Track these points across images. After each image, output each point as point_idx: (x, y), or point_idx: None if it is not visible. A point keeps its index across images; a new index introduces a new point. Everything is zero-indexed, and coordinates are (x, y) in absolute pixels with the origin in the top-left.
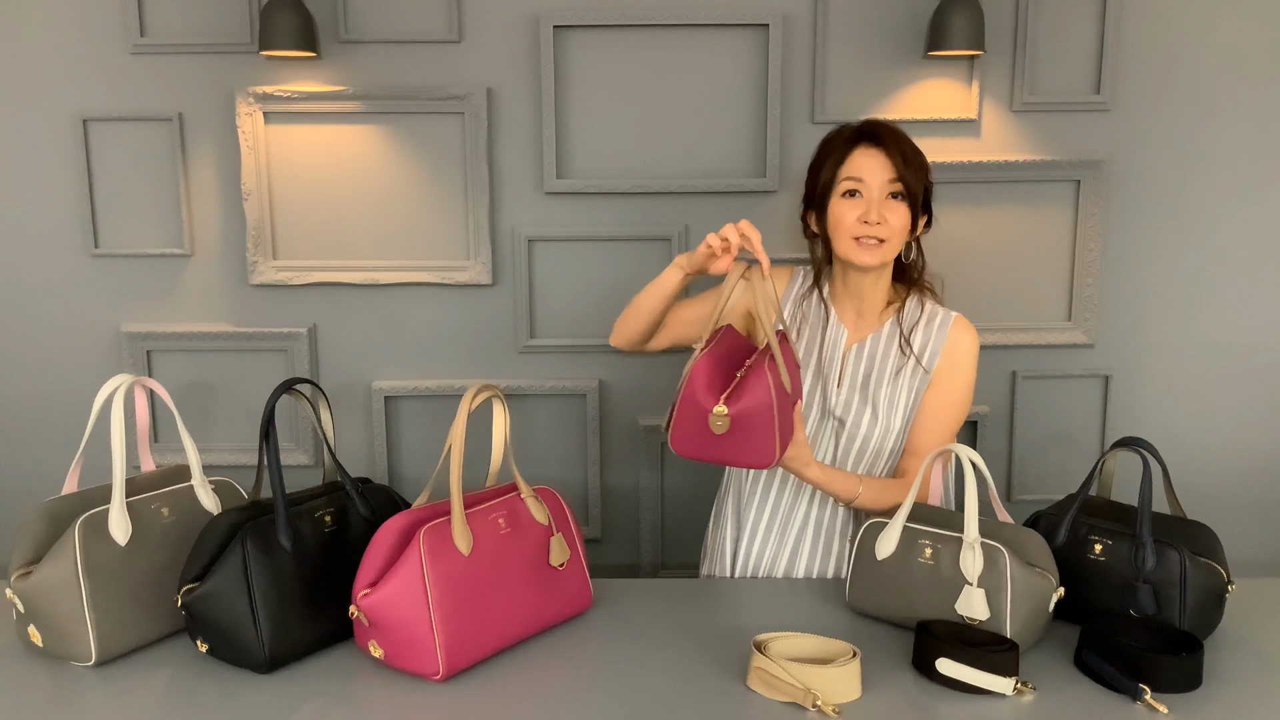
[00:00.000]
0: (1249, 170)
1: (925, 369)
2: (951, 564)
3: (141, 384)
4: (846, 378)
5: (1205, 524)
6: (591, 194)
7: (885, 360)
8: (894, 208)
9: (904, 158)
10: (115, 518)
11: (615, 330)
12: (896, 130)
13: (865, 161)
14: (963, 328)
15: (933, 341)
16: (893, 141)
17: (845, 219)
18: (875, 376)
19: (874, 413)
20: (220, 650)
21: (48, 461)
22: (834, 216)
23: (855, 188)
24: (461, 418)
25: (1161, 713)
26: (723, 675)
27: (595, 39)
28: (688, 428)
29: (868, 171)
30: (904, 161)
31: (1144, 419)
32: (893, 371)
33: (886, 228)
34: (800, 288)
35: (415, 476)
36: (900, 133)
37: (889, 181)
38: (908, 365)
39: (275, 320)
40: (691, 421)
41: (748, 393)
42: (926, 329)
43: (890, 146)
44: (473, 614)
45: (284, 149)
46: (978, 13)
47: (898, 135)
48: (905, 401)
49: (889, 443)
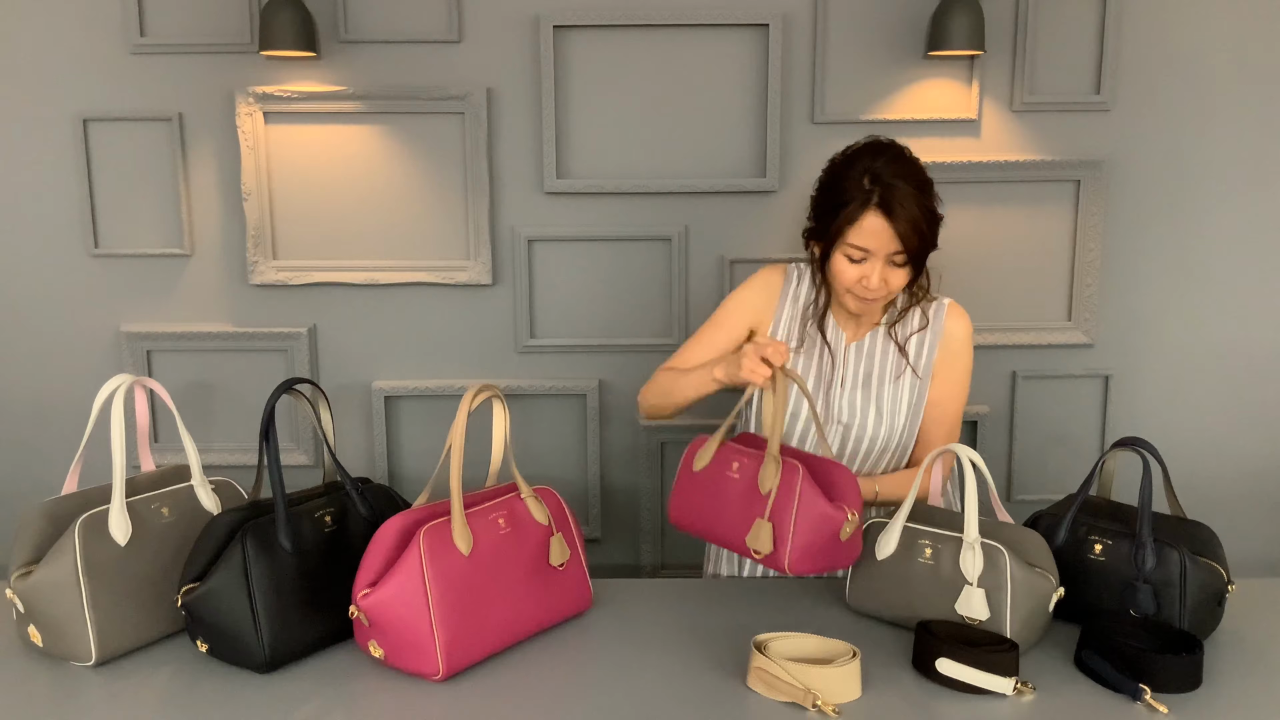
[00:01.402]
0: (1249, 170)
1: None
2: (951, 564)
3: (141, 384)
4: (849, 378)
5: (1205, 524)
6: (591, 194)
7: (885, 359)
8: (895, 273)
9: (914, 228)
10: (115, 518)
11: (643, 404)
12: (910, 198)
13: (874, 230)
14: (955, 315)
15: (929, 337)
16: (904, 215)
17: (845, 276)
18: (877, 375)
19: (878, 412)
20: (220, 650)
21: (48, 461)
22: (835, 269)
23: (861, 256)
24: (461, 418)
25: (1161, 713)
26: (723, 675)
27: (595, 39)
28: (814, 543)
29: (875, 241)
30: (912, 232)
31: (1144, 419)
32: (894, 375)
33: (885, 289)
34: (795, 286)
35: (415, 476)
36: (916, 199)
37: (895, 253)
38: (907, 369)
39: (275, 320)
40: (821, 535)
41: (841, 493)
42: (921, 334)
43: (901, 221)
44: (473, 614)
45: (284, 149)
46: (978, 13)
47: (910, 206)
48: (909, 400)
49: (894, 441)
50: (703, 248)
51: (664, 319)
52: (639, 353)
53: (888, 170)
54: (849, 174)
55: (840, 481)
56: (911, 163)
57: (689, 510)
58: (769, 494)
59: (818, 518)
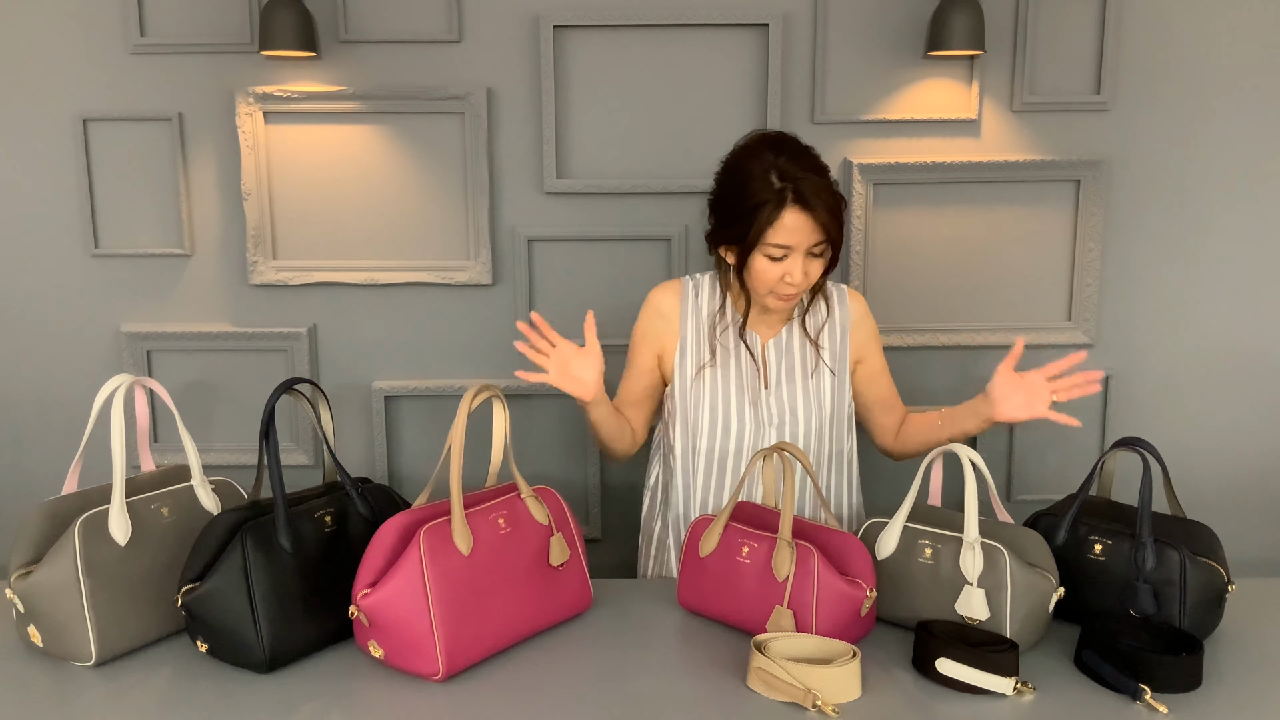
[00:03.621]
0: (1249, 170)
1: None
2: (951, 564)
3: (141, 384)
4: (772, 378)
5: (1205, 524)
6: (591, 194)
7: (804, 352)
8: (815, 264)
9: (831, 216)
10: (115, 518)
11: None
12: (822, 188)
13: (795, 226)
14: (853, 297)
15: (838, 327)
16: (820, 205)
17: (768, 276)
18: (799, 368)
19: (806, 404)
20: (220, 650)
21: (48, 461)
22: (756, 270)
23: (783, 254)
24: (461, 418)
25: (1161, 713)
26: (723, 675)
27: (595, 39)
28: (836, 624)
29: (796, 237)
30: (831, 220)
31: (1144, 419)
32: (812, 368)
33: (806, 282)
34: (695, 299)
35: (415, 476)
36: (826, 187)
37: (815, 245)
38: (823, 361)
39: (275, 320)
40: (843, 616)
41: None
42: (829, 322)
43: (818, 209)
44: (473, 614)
45: (284, 149)
46: (978, 13)
47: (824, 196)
48: (831, 389)
49: (826, 429)
50: (703, 248)
51: None
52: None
53: (792, 165)
54: (752, 174)
55: (852, 554)
56: (808, 151)
57: (700, 596)
58: (786, 580)
59: (838, 599)
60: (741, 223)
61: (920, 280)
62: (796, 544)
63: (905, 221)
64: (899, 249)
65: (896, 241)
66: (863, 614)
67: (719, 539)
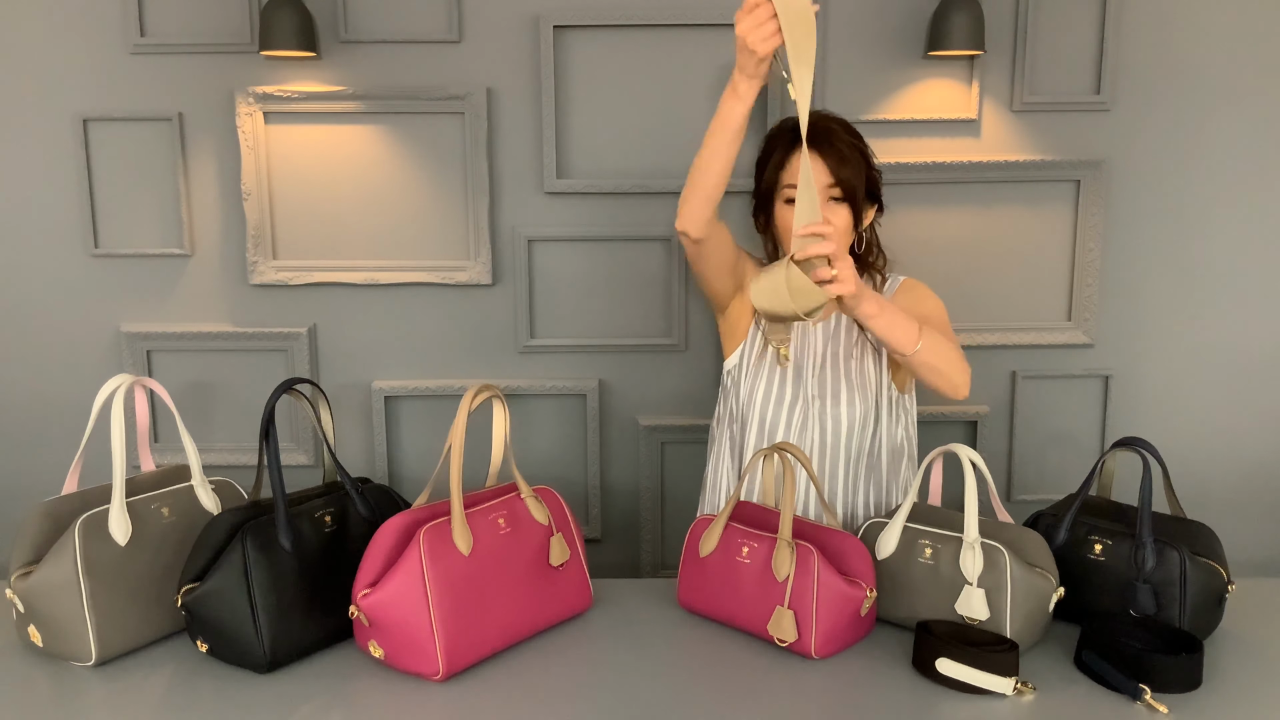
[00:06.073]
0: (1249, 170)
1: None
2: (951, 564)
3: (141, 384)
4: (816, 357)
5: (1205, 524)
6: (591, 194)
7: (850, 338)
8: (835, 210)
9: (841, 157)
10: (115, 518)
11: (684, 205)
12: (834, 127)
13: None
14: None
15: None
16: (829, 143)
17: (789, 222)
18: (844, 352)
19: (850, 386)
20: (220, 650)
21: (48, 461)
22: (780, 223)
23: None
24: (461, 418)
25: (1161, 713)
26: (723, 675)
27: (595, 39)
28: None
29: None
30: (840, 162)
31: (1144, 419)
32: (859, 353)
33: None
34: None
35: (415, 476)
36: (838, 129)
37: (828, 186)
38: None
39: (275, 320)
40: (844, 616)
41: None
42: None
43: (826, 148)
44: (473, 614)
45: (284, 149)
46: (978, 13)
47: (835, 133)
48: (875, 376)
49: (870, 415)
50: None
51: (664, 319)
52: (639, 353)
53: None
54: (776, 133)
55: (852, 554)
56: (839, 118)
57: (700, 596)
58: (786, 580)
59: (838, 599)
60: (764, 177)
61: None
62: (796, 544)
63: (905, 221)
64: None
65: (896, 241)
66: (863, 614)
67: (719, 539)
